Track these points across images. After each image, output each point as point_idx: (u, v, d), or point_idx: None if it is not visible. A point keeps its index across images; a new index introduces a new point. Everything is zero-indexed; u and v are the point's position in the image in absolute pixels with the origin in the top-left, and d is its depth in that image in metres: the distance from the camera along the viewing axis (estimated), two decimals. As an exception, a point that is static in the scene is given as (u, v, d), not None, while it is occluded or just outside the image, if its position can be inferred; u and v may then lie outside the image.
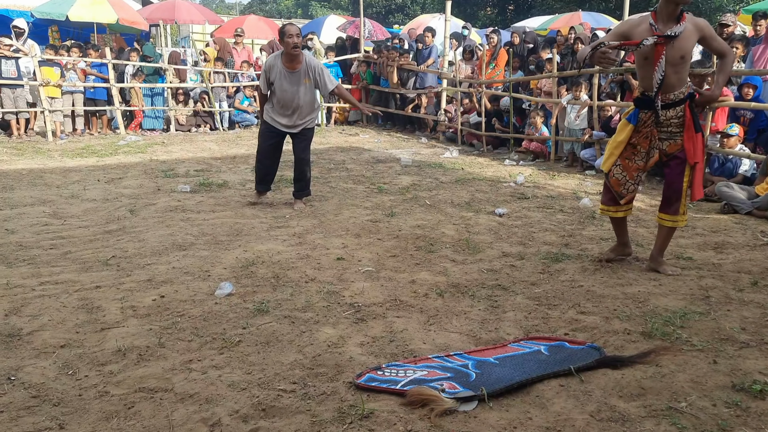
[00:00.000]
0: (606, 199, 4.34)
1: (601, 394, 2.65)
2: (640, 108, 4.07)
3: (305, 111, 5.99)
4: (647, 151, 4.08)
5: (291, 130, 6.05)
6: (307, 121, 6.07)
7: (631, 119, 4.11)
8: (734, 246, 4.86)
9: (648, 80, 3.96)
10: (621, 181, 4.19)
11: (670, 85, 3.92)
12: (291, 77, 5.82)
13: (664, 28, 3.82)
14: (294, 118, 6.00)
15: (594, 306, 3.65)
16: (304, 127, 6.08)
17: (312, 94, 6.00)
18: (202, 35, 22.43)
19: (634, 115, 4.09)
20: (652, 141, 4.05)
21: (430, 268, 4.34)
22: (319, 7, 39.13)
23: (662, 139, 4.06)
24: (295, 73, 5.81)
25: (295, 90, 5.85)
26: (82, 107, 11.68)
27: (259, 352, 3.05)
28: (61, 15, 14.28)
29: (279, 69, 5.83)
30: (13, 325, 3.34)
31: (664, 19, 3.83)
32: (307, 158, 6.17)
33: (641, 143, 4.08)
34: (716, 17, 19.37)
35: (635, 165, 4.14)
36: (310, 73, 5.85)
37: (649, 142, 4.05)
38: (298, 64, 5.80)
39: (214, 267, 4.32)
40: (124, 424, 2.44)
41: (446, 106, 11.78)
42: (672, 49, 3.83)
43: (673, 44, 3.82)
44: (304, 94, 5.90)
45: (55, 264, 4.39)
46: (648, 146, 4.07)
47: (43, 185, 7.09)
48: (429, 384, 2.65)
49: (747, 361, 2.91)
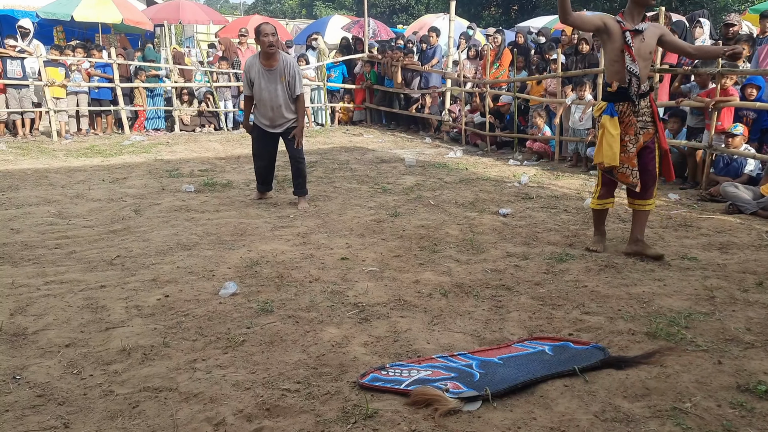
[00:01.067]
0: (604, 193, 4.67)
1: (605, 394, 2.65)
2: (616, 101, 4.44)
3: (286, 110, 6.05)
4: (634, 137, 4.43)
5: (276, 129, 6.13)
6: (291, 120, 6.13)
7: (611, 113, 4.44)
8: (739, 246, 4.85)
9: (622, 73, 4.38)
10: (627, 174, 4.45)
11: (642, 77, 4.39)
12: (269, 75, 5.91)
13: (631, 26, 4.35)
14: (276, 118, 6.06)
15: (598, 306, 3.65)
16: (289, 126, 6.14)
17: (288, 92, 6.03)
18: (206, 35, 22.47)
19: (612, 109, 4.44)
20: (635, 128, 4.43)
21: (434, 268, 4.34)
22: (324, 7, 39.14)
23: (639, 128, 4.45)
24: (272, 71, 5.90)
25: (273, 88, 5.93)
26: (86, 107, 11.71)
27: (263, 352, 3.06)
28: (66, 15, 14.34)
29: (257, 68, 5.92)
30: (18, 324, 3.36)
31: (630, 20, 4.38)
32: (301, 156, 6.24)
33: (628, 132, 4.43)
34: (721, 17, 19.32)
35: (632, 153, 4.43)
36: (286, 73, 5.91)
37: (633, 129, 4.43)
38: (275, 62, 5.89)
39: (218, 267, 4.33)
40: (129, 424, 2.44)
41: (450, 106, 11.78)
42: (642, 44, 4.36)
43: (643, 38, 4.36)
44: (283, 92, 5.96)
45: (60, 263, 4.40)
46: (633, 133, 4.43)
47: (48, 185, 7.11)
48: (433, 384, 2.65)
49: (752, 362, 2.90)
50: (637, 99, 4.38)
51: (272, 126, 6.11)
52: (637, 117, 4.42)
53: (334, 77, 13.72)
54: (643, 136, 4.44)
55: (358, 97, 14.11)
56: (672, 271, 4.27)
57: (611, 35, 4.38)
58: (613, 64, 4.43)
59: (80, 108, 11.64)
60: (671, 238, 5.09)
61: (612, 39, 4.38)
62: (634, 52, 4.31)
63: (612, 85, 4.46)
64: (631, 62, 4.32)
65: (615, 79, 4.43)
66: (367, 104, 14.10)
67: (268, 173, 6.43)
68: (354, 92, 14.09)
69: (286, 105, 6.02)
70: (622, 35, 4.33)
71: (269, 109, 6.01)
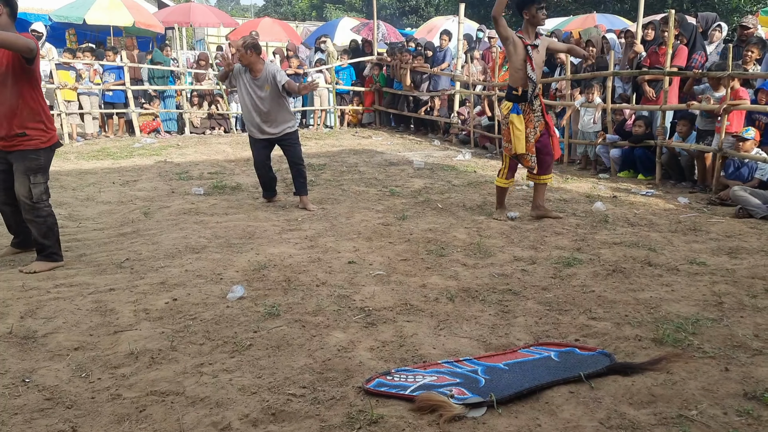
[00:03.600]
0: (510, 175, 5.88)
1: (611, 401, 2.64)
2: (519, 101, 5.57)
3: (275, 116, 6.15)
4: (533, 130, 5.64)
5: (265, 135, 6.24)
6: (285, 128, 6.23)
7: (517, 112, 5.57)
8: (749, 251, 4.81)
9: (525, 79, 5.50)
10: (528, 159, 5.67)
11: (537, 82, 5.56)
12: (254, 84, 6.07)
13: (529, 41, 5.50)
14: (267, 126, 6.18)
15: (605, 312, 3.64)
16: (284, 132, 6.23)
17: (278, 99, 6.13)
18: (217, 38, 22.55)
19: (517, 108, 5.57)
20: (533, 122, 5.63)
21: (441, 272, 4.34)
22: (333, 10, 39.23)
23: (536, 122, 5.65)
24: (258, 79, 6.07)
25: (257, 95, 6.08)
26: (98, 110, 11.80)
27: (270, 356, 3.07)
28: (79, 18, 14.45)
29: (245, 78, 6.09)
30: (28, 327, 3.39)
31: (527, 36, 5.52)
32: (299, 160, 6.35)
33: (528, 126, 5.61)
34: (732, 18, 19.19)
35: (531, 143, 5.65)
36: (269, 78, 6.03)
37: (532, 124, 5.63)
38: (258, 72, 6.05)
39: (226, 270, 4.35)
40: (136, 428, 2.47)
41: (459, 108, 11.76)
42: (537, 56, 5.54)
43: (538, 51, 5.54)
44: (270, 100, 6.08)
45: (70, 266, 4.44)
46: (533, 127, 5.64)
47: (59, 187, 7.18)
48: (438, 390, 2.66)
49: (759, 369, 2.88)
50: (533, 99, 5.58)
51: (261, 132, 6.22)
52: (534, 114, 5.62)
53: (343, 79, 13.75)
54: (539, 127, 5.66)
55: (367, 99, 14.13)
56: (680, 276, 4.25)
57: (516, 48, 5.46)
58: (518, 71, 5.52)
59: (92, 111, 11.73)
60: (680, 243, 5.06)
61: (517, 51, 5.46)
62: (534, 63, 5.46)
63: (518, 89, 5.54)
64: (531, 71, 5.46)
65: (519, 84, 5.54)
66: (376, 106, 14.12)
67: (270, 180, 6.55)
68: (363, 94, 14.11)
69: (275, 111, 6.13)
70: (525, 49, 5.44)
71: (255, 115, 6.15)
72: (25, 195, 4.31)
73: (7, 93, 4.19)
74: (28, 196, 4.32)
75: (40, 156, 4.35)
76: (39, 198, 4.35)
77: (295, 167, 6.32)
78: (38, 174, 4.35)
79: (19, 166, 4.30)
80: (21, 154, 4.29)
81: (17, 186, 4.32)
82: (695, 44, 7.80)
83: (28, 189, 4.31)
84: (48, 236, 4.41)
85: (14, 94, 4.19)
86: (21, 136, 4.26)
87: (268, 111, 6.12)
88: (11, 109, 4.20)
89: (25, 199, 4.32)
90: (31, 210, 4.35)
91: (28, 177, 4.30)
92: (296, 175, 6.34)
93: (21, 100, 4.22)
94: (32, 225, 4.40)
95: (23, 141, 4.27)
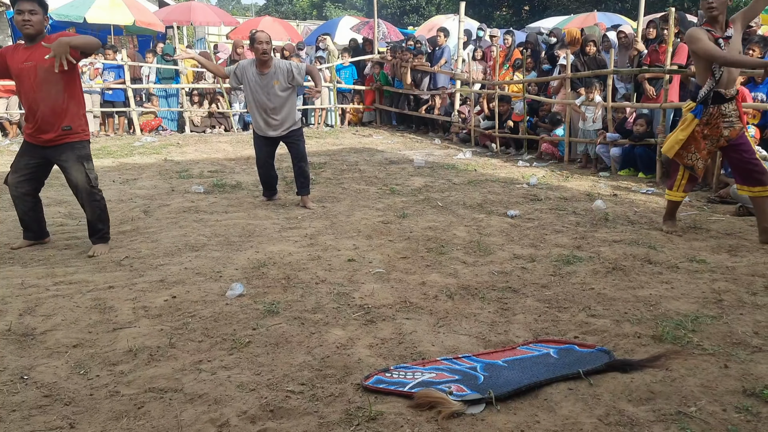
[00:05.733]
0: (688, 187, 5.25)
1: (609, 397, 2.64)
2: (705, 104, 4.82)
3: (282, 112, 6.12)
4: (716, 138, 4.91)
5: (271, 132, 6.20)
6: (291, 125, 6.22)
7: (697, 114, 4.86)
8: (749, 249, 4.81)
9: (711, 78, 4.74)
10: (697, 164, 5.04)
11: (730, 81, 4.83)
12: (261, 80, 6.03)
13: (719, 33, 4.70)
14: (274, 122, 6.15)
15: (605, 309, 3.63)
16: (290, 129, 6.21)
17: (286, 96, 6.12)
18: (217, 37, 22.57)
19: (698, 110, 4.85)
20: (721, 130, 4.86)
21: (440, 270, 4.34)
22: (334, 8, 39.22)
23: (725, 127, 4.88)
24: (265, 75, 6.03)
25: (266, 92, 6.05)
26: (98, 108, 11.81)
27: (269, 353, 3.07)
28: (79, 17, 14.44)
29: (252, 72, 6.05)
30: (27, 324, 3.39)
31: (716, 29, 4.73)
32: (304, 158, 6.32)
33: (713, 133, 4.89)
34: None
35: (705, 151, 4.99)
36: (279, 75, 6.02)
37: (718, 132, 4.87)
38: (267, 68, 6.03)
39: (225, 268, 4.35)
40: (134, 424, 2.46)
41: (460, 107, 11.76)
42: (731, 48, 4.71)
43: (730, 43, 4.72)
44: (276, 96, 6.06)
45: (70, 264, 4.45)
46: (717, 135, 4.89)
47: (59, 186, 7.15)
48: (437, 386, 2.65)
49: (759, 366, 2.88)
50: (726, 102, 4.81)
51: (267, 129, 6.19)
52: (724, 119, 4.84)
53: (345, 78, 13.74)
54: (731, 134, 4.86)
55: (368, 98, 14.13)
56: (680, 273, 4.24)
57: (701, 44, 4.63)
58: (705, 70, 4.78)
59: (93, 110, 11.73)
60: (680, 241, 5.05)
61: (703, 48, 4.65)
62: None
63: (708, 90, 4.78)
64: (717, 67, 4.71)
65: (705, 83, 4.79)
66: (377, 105, 14.12)
67: (271, 179, 6.51)
68: (363, 93, 14.11)
69: (282, 107, 6.10)
70: (715, 42, 4.65)
71: (262, 112, 6.11)
72: (84, 181, 4.61)
73: (54, 91, 4.41)
74: (87, 182, 4.62)
75: (86, 146, 4.66)
76: (95, 182, 4.69)
77: (298, 165, 6.29)
78: (89, 161, 4.68)
79: (70, 156, 4.56)
80: (69, 146, 4.56)
81: (75, 175, 4.58)
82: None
83: (85, 175, 4.61)
84: (102, 219, 4.77)
85: (61, 91, 4.44)
86: (66, 130, 4.52)
87: (276, 107, 6.08)
88: (60, 106, 4.45)
89: (86, 185, 4.62)
90: (90, 194, 4.66)
91: (82, 164, 4.59)
92: (299, 174, 6.31)
93: (67, 95, 4.48)
94: (90, 209, 4.69)
95: (68, 134, 4.53)
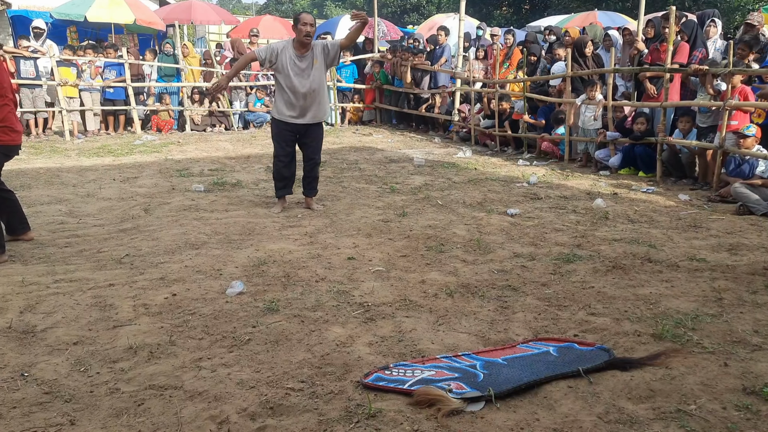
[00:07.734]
0: None
1: (609, 395, 2.64)
2: None
3: (317, 97, 5.91)
4: None
5: (303, 119, 5.92)
6: (321, 114, 6.05)
7: None
8: (749, 248, 4.81)
9: None
10: None
11: None
12: (301, 62, 5.82)
13: None
14: (307, 105, 5.88)
15: (604, 307, 3.63)
16: (317, 120, 6.02)
17: (322, 76, 5.96)
18: (218, 35, 22.57)
19: None
20: None
21: (440, 269, 4.34)
22: (334, 7, 39.19)
23: None
24: (305, 56, 5.83)
25: (306, 74, 5.83)
26: (99, 107, 11.81)
27: (269, 351, 3.07)
28: (80, 16, 14.46)
29: (289, 55, 5.80)
30: (27, 322, 3.40)
31: None
32: (318, 159, 6.19)
33: None
34: (734, 17, 19.13)
35: None
36: (317, 52, 5.84)
37: None
38: (307, 49, 5.83)
39: (225, 266, 4.35)
40: (134, 421, 2.47)
41: (460, 105, 11.75)
42: None
43: None
44: (316, 77, 5.87)
45: (70, 262, 4.45)
46: None
47: (59, 184, 7.18)
48: (436, 384, 2.66)
49: (759, 364, 2.88)
50: None
51: (301, 115, 5.91)
52: None
53: (345, 76, 13.73)
54: None
55: (368, 97, 14.11)
56: (680, 272, 4.24)
57: None
58: None
59: (94, 108, 11.73)
60: (680, 239, 5.05)
61: None
62: None
63: None
64: None
65: None
66: (377, 104, 14.11)
67: (291, 175, 6.15)
68: (364, 92, 14.10)
69: (320, 89, 5.92)
70: None
71: (300, 96, 5.84)
72: None
73: None
74: None
75: None
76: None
77: (311, 162, 6.11)
78: None
79: None
80: None
81: None
82: (696, 41, 7.78)
83: None
84: None
85: None
86: None
87: (314, 90, 5.85)
88: None
89: None
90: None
91: None
92: (309, 171, 6.13)
93: None
94: None
95: None
